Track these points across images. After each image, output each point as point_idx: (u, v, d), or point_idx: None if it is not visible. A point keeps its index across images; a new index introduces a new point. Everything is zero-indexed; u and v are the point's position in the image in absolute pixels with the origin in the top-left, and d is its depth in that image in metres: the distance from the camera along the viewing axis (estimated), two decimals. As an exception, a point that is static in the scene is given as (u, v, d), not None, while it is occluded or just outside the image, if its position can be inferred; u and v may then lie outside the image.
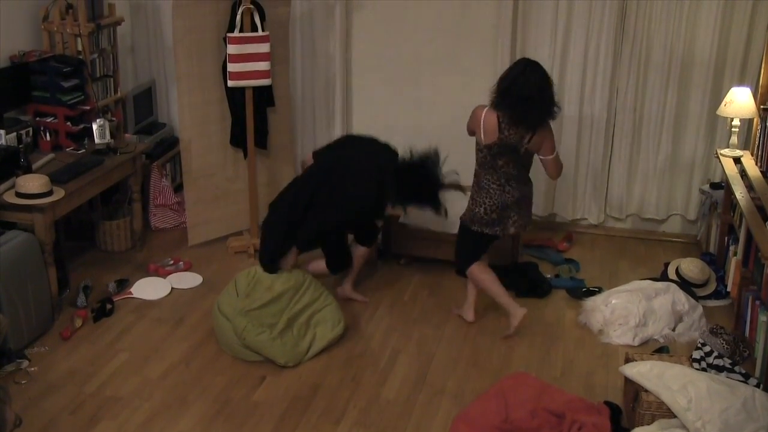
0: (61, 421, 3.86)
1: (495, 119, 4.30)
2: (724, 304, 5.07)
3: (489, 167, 4.45)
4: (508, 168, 4.43)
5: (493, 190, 4.47)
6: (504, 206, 4.47)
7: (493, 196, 4.47)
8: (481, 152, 4.44)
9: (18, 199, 4.51)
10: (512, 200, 4.49)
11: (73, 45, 5.40)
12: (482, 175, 4.50)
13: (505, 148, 4.35)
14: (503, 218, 4.50)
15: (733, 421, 3.50)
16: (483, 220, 4.53)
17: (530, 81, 4.23)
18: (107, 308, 4.83)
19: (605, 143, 5.85)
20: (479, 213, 4.53)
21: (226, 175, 5.73)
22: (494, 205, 4.48)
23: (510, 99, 4.25)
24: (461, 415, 3.89)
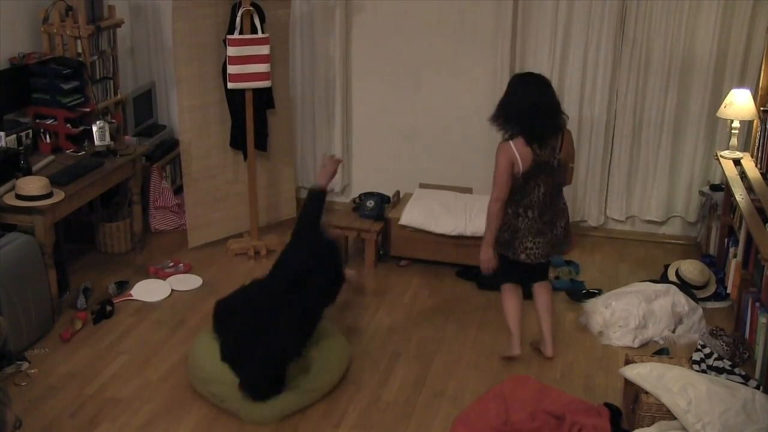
0: (61, 423, 3.86)
1: (525, 144, 4.05)
2: (724, 306, 5.07)
3: (517, 192, 4.14)
4: (539, 191, 4.16)
5: (507, 214, 4.20)
6: (516, 230, 4.20)
7: (506, 219, 4.20)
8: (517, 181, 4.11)
9: (18, 201, 4.51)
10: (530, 229, 4.19)
11: (72, 47, 5.40)
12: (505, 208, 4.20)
13: (539, 167, 4.10)
14: (513, 242, 4.22)
15: (732, 422, 3.49)
16: (499, 239, 4.25)
17: (532, 93, 4.08)
18: (107, 310, 4.83)
19: (605, 145, 5.85)
20: (498, 233, 4.25)
21: (226, 178, 5.73)
22: (506, 225, 4.21)
23: (526, 120, 4.05)
24: (461, 417, 3.89)
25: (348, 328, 4.77)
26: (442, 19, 5.87)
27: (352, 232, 5.53)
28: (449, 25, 5.88)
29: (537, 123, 4.04)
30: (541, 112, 4.05)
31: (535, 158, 4.06)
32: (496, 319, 4.89)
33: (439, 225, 5.36)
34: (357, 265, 5.56)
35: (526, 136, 4.04)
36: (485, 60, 5.90)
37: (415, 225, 5.41)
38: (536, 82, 4.13)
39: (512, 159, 4.05)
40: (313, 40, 6.10)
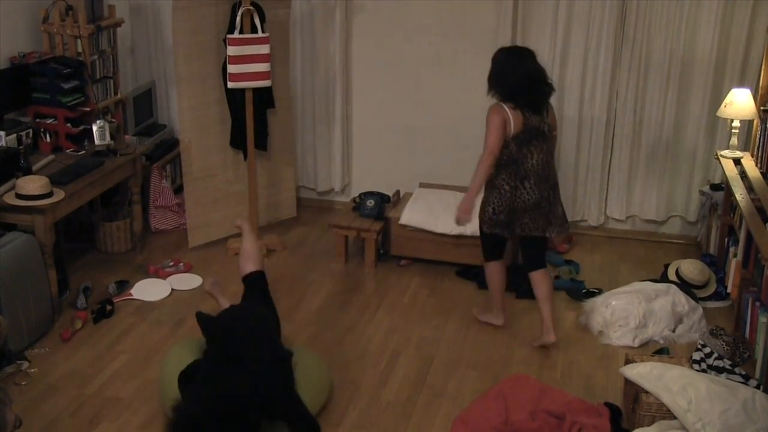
0: (61, 423, 3.86)
1: (516, 108, 4.24)
2: (724, 305, 5.07)
3: (512, 162, 4.27)
4: (532, 159, 4.26)
5: (504, 191, 4.32)
6: (513, 209, 4.34)
7: (503, 196, 4.33)
8: (508, 147, 4.25)
9: (18, 200, 4.51)
10: (528, 204, 4.32)
11: (73, 46, 5.41)
12: (499, 175, 4.32)
13: (532, 133, 4.25)
14: (511, 221, 4.37)
15: (732, 422, 3.49)
16: (491, 220, 4.42)
17: (522, 63, 4.28)
18: (107, 310, 4.83)
19: (605, 145, 5.85)
20: (488, 213, 4.42)
21: (226, 177, 5.73)
22: (503, 206, 4.34)
23: (521, 88, 4.24)
24: (461, 416, 3.89)
25: (347, 329, 4.77)
26: (443, 19, 5.87)
27: (352, 232, 5.53)
28: (449, 24, 5.88)
29: (529, 92, 4.24)
30: (531, 81, 4.25)
31: (525, 122, 4.23)
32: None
33: (439, 224, 5.36)
34: (357, 264, 5.57)
35: (519, 103, 4.23)
36: (485, 59, 5.83)
37: (415, 224, 5.41)
38: (524, 53, 4.35)
39: (505, 118, 4.22)
40: (314, 40, 6.10)
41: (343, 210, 5.87)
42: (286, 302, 4.99)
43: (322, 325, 4.81)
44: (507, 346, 4.61)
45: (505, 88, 4.26)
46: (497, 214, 4.37)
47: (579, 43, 5.66)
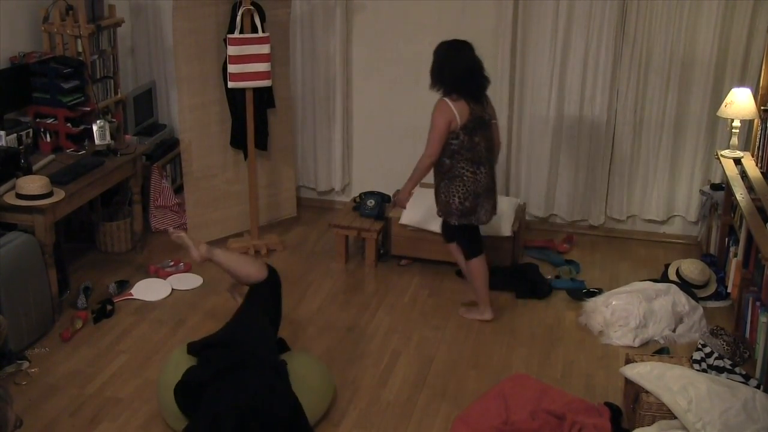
0: (62, 423, 3.86)
1: (461, 100, 4.45)
2: (725, 305, 5.07)
3: (466, 150, 4.47)
4: (481, 146, 4.50)
5: (467, 177, 4.50)
6: (476, 194, 4.52)
7: (467, 183, 4.50)
8: (458, 138, 4.45)
9: (18, 200, 4.51)
10: (484, 187, 4.54)
11: (73, 46, 5.41)
12: (455, 165, 4.49)
13: (477, 122, 4.48)
14: (476, 206, 4.55)
15: (733, 422, 3.49)
16: (459, 211, 4.56)
17: (462, 56, 4.48)
18: (107, 309, 4.83)
19: (605, 145, 5.85)
20: (455, 203, 4.54)
21: (227, 177, 5.73)
22: (468, 192, 4.51)
23: (462, 79, 4.45)
24: (461, 416, 3.89)
25: (347, 328, 4.77)
26: (443, 19, 5.87)
27: (353, 231, 5.53)
28: (449, 24, 5.87)
29: (471, 83, 4.46)
30: (471, 72, 4.47)
31: (471, 112, 4.43)
32: (497, 318, 4.89)
33: (439, 224, 5.35)
34: (357, 264, 5.56)
35: (462, 94, 4.44)
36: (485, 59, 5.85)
37: (416, 224, 5.41)
38: (465, 47, 4.52)
39: (450, 117, 4.42)
40: (314, 40, 6.10)
41: (344, 210, 5.86)
42: (287, 302, 4.97)
43: (323, 325, 4.80)
44: (507, 346, 4.61)
45: (448, 80, 4.45)
46: (464, 202, 4.53)
47: (579, 43, 5.66)
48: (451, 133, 4.45)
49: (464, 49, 4.51)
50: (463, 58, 4.48)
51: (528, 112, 5.92)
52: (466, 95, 4.45)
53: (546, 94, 5.81)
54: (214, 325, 4.64)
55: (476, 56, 4.51)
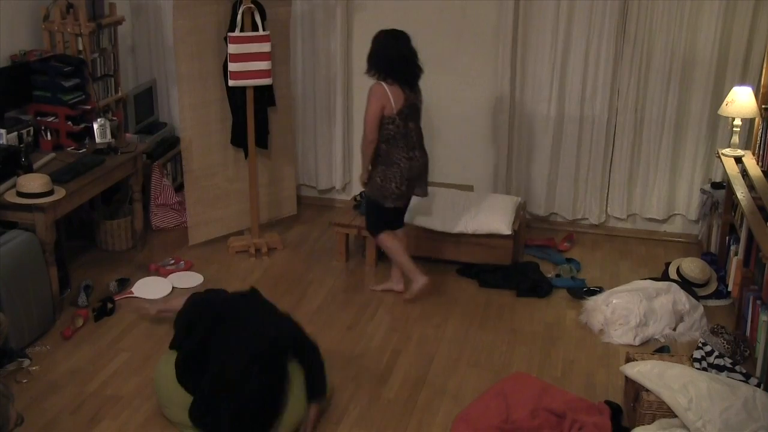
0: (62, 421, 3.86)
1: (396, 86, 4.64)
2: (725, 304, 5.07)
3: (401, 137, 4.67)
4: (415, 132, 4.74)
5: (402, 163, 4.70)
6: (411, 179, 4.76)
7: (403, 169, 4.70)
8: (393, 123, 4.63)
9: (19, 198, 4.51)
10: (417, 171, 4.78)
11: (73, 44, 5.40)
12: (392, 151, 4.69)
13: (411, 108, 4.70)
14: (409, 191, 4.83)
15: (733, 421, 3.49)
16: (395, 195, 4.76)
17: (399, 44, 4.66)
18: (108, 308, 4.84)
19: (606, 143, 5.85)
20: (391, 188, 4.73)
21: (227, 175, 5.73)
22: (403, 176, 4.72)
23: (393, 66, 4.62)
24: (462, 415, 3.89)
25: (348, 327, 4.77)
26: (443, 17, 5.87)
27: (353, 230, 5.53)
28: (450, 23, 5.87)
29: (406, 70, 4.65)
30: (407, 61, 4.66)
31: (406, 99, 4.65)
32: (497, 317, 4.90)
33: (439, 223, 5.36)
34: (358, 262, 5.57)
35: (398, 81, 4.63)
36: (486, 58, 5.90)
37: (416, 223, 5.41)
38: (402, 36, 4.70)
39: (384, 101, 4.61)
40: (314, 38, 6.10)
41: (344, 208, 5.86)
42: (287, 300, 4.99)
43: (323, 323, 4.80)
44: (508, 345, 4.62)
45: (384, 66, 4.63)
46: (400, 187, 4.74)
47: (580, 41, 5.66)
48: (387, 118, 4.62)
49: (401, 38, 4.69)
50: (399, 47, 4.65)
51: (528, 110, 5.92)
52: (402, 82, 4.64)
53: (546, 92, 5.81)
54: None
55: (412, 46, 4.70)
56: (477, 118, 6.04)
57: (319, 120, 6.31)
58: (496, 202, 5.51)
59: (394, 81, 4.63)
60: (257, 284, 5.17)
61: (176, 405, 3.78)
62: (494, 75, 5.87)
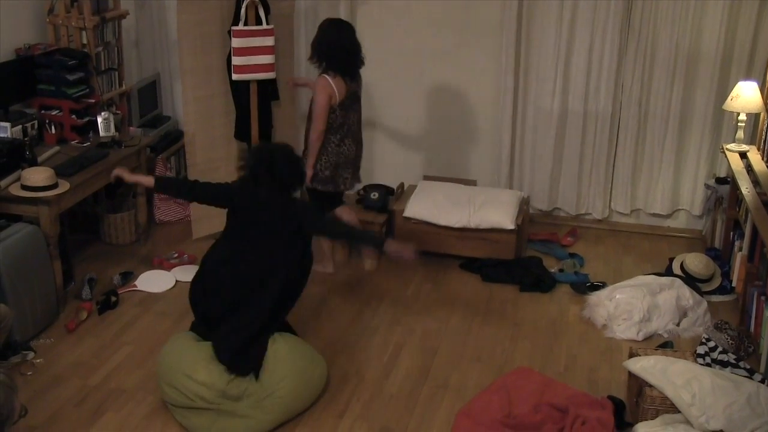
0: (66, 413, 3.87)
1: (339, 78, 4.77)
2: (729, 299, 5.06)
3: (339, 126, 4.84)
4: (353, 120, 4.91)
5: (331, 148, 4.88)
6: (337, 164, 4.90)
7: (329, 154, 4.88)
8: (334, 113, 4.80)
9: (23, 191, 4.52)
10: (348, 158, 4.94)
11: (78, 38, 5.41)
12: (327, 138, 4.86)
13: (353, 98, 4.87)
14: (335, 176, 4.94)
15: (737, 416, 3.49)
16: (318, 177, 4.92)
17: (341, 34, 4.78)
18: (112, 301, 4.85)
19: (610, 138, 5.84)
20: (316, 169, 4.91)
21: (230, 169, 5.71)
22: (329, 162, 4.88)
23: (339, 57, 4.75)
24: (464, 409, 3.90)
25: (350, 321, 4.78)
26: (447, 11, 5.86)
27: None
28: (454, 16, 5.86)
29: (347, 61, 4.78)
30: (348, 52, 4.78)
31: (348, 88, 4.80)
32: (500, 311, 4.90)
33: (443, 217, 5.36)
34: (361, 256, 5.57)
35: (340, 71, 4.76)
36: (490, 53, 5.89)
37: (419, 217, 5.41)
38: (345, 26, 4.86)
39: (330, 93, 4.75)
40: (318, 32, 6.09)
41: (347, 202, 5.86)
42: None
43: (325, 317, 4.81)
44: (510, 339, 4.62)
45: (326, 55, 4.76)
46: (324, 171, 4.90)
47: (584, 36, 5.64)
48: (330, 108, 4.78)
49: (344, 28, 4.83)
50: (341, 37, 4.77)
51: (532, 105, 5.91)
52: (342, 72, 4.77)
53: (550, 86, 5.80)
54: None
55: (355, 37, 4.83)
56: (481, 112, 6.04)
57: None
58: (500, 196, 5.51)
59: (335, 71, 4.76)
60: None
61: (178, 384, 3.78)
62: (498, 69, 5.86)
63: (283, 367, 3.81)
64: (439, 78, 6.04)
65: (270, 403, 3.76)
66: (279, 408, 3.78)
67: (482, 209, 5.33)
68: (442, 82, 6.04)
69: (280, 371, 3.80)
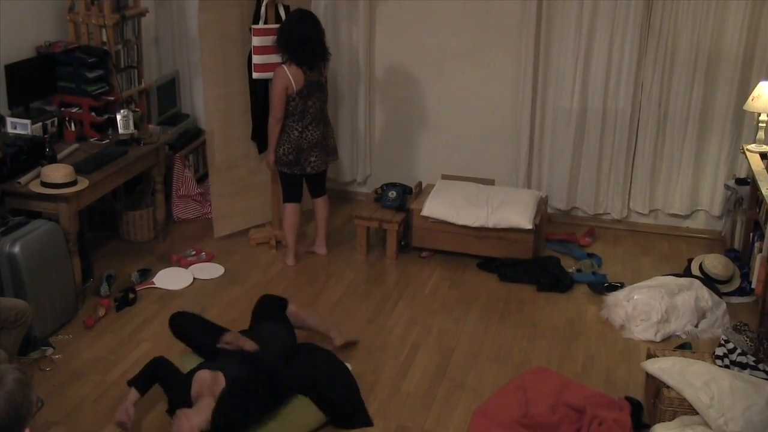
0: (85, 408, 3.90)
1: (298, 68, 4.95)
2: (749, 301, 5.02)
3: (298, 113, 5.02)
4: (315, 108, 5.05)
5: (293, 134, 5.06)
6: (300, 149, 5.07)
7: (292, 139, 5.07)
8: (293, 101, 4.99)
9: (43, 188, 4.55)
10: (312, 142, 5.09)
11: (98, 36, 5.44)
12: (287, 123, 5.06)
13: (312, 86, 5.01)
14: (300, 159, 5.10)
15: (756, 419, 3.46)
16: (282, 161, 5.12)
17: (301, 26, 4.90)
18: (130, 298, 4.87)
19: (629, 138, 5.80)
20: (279, 153, 5.11)
21: (249, 167, 5.74)
22: (292, 147, 5.07)
23: (297, 47, 4.91)
24: (481, 408, 3.89)
25: (368, 320, 4.78)
26: (467, 11, 5.85)
27: (374, 223, 5.53)
28: (474, 16, 5.85)
29: (305, 51, 4.93)
30: (306, 43, 4.91)
31: (306, 78, 4.96)
32: (518, 311, 4.89)
33: (460, 216, 5.35)
34: (378, 255, 5.57)
35: (296, 61, 4.94)
36: (509, 52, 5.87)
37: (437, 216, 5.40)
38: (307, 18, 4.98)
39: (286, 83, 4.95)
40: (337, 31, 6.10)
41: (365, 201, 5.87)
42: (307, 293, 5.01)
43: (343, 316, 4.81)
44: (528, 339, 4.60)
45: (285, 45, 4.93)
46: (287, 155, 5.09)
47: (604, 35, 5.61)
48: (288, 96, 4.97)
49: (305, 20, 4.95)
50: (301, 29, 4.90)
51: (551, 104, 5.89)
52: (300, 62, 4.93)
53: (570, 86, 5.78)
54: (234, 314, 4.69)
55: (315, 29, 4.96)
56: (499, 111, 6.02)
57: (342, 113, 6.32)
58: (518, 196, 5.49)
59: (292, 63, 4.93)
60: (277, 277, 5.23)
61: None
62: (517, 68, 5.84)
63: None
64: (458, 77, 6.03)
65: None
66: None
67: (500, 209, 5.31)
68: (461, 82, 6.03)
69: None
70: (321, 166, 5.21)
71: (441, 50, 6.00)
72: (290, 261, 5.41)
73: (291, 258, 5.42)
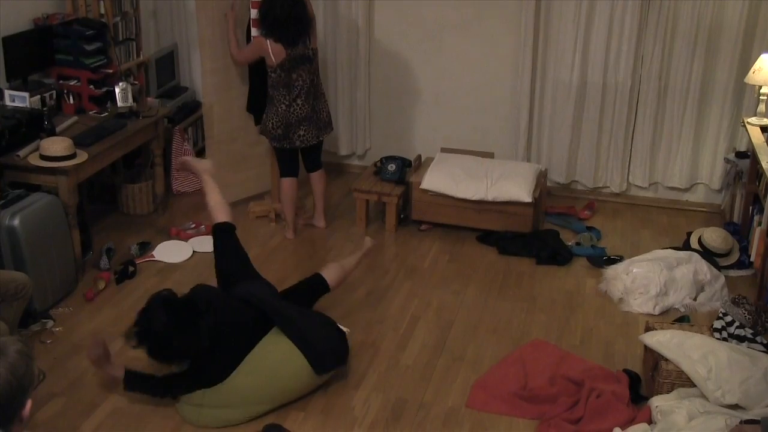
0: (85, 381, 3.92)
1: (276, 42, 4.92)
2: (747, 274, 5.03)
3: (283, 85, 5.00)
4: (302, 81, 5.01)
5: (281, 108, 5.03)
6: (288, 124, 5.04)
7: (279, 114, 5.04)
8: (275, 72, 4.98)
9: (42, 161, 4.54)
10: (300, 116, 5.05)
11: (96, 8, 5.40)
12: (275, 95, 5.04)
13: (296, 60, 4.97)
14: (288, 133, 5.08)
15: (753, 391, 3.49)
16: (271, 134, 5.11)
17: (274, 5, 4.84)
18: (130, 271, 4.88)
19: (629, 111, 5.79)
20: (269, 127, 5.10)
21: (248, 140, 5.73)
22: (280, 121, 5.05)
23: (274, 25, 4.88)
24: (480, 381, 3.91)
25: (368, 292, 4.79)
26: (466, -18, 5.80)
27: (373, 196, 5.53)
28: (473, -13, 5.81)
29: (281, 29, 4.89)
30: (282, 22, 4.87)
31: (288, 53, 4.93)
32: (517, 285, 4.90)
33: (460, 189, 5.35)
34: (378, 228, 5.58)
35: (273, 38, 4.91)
36: (509, 24, 5.83)
37: (437, 189, 5.40)
38: None
39: (259, 52, 4.99)
40: (336, 3, 6.05)
41: (365, 174, 5.86)
42: (307, 266, 5.02)
43: (343, 289, 4.81)
44: (527, 312, 4.62)
45: (262, 23, 4.92)
46: (276, 129, 5.06)
47: (604, 7, 5.58)
48: (269, 68, 4.99)
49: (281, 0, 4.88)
50: (275, 9, 4.85)
51: (551, 77, 5.86)
52: (281, 39, 4.90)
53: (569, 59, 5.75)
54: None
55: (292, 9, 4.86)
56: (499, 84, 6.00)
57: (341, 85, 6.29)
58: (517, 169, 5.48)
59: (274, 39, 4.91)
60: (277, 249, 5.23)
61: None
62: (517, 41, 5.81)
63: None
64: (458, 50, 6.00)
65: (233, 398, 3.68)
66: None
67: (499, 182, 5.31)
68: (460, 54, 6.00)
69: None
70: (311, 139, 5.16)
71: (440, 22, 5.96)
72: (289, 234, 5.42)
73: (290, 231, 5.42)
